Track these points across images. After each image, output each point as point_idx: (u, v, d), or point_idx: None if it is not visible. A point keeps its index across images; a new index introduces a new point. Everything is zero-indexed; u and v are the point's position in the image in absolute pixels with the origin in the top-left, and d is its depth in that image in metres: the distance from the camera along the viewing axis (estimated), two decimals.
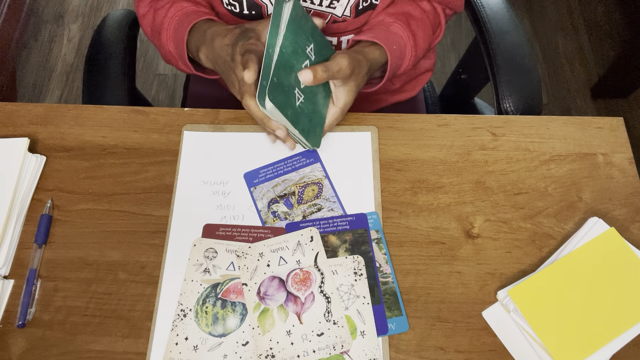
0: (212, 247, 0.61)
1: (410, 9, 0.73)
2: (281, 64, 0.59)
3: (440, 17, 0.76)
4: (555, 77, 1.76)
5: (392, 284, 0.59)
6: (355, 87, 0.64)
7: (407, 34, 0.70)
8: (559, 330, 0.55)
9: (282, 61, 0.59)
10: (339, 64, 0.60)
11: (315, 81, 0.60)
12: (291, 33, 0.60)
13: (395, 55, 0.68)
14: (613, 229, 0.61)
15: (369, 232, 0.62)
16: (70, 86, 1.76)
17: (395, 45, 0.68)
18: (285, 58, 0.59)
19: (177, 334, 0.57)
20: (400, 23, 0.70)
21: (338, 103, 0.64)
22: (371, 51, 0.66)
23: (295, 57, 0.61)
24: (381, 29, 0.69)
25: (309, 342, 0.56)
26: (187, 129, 0.70)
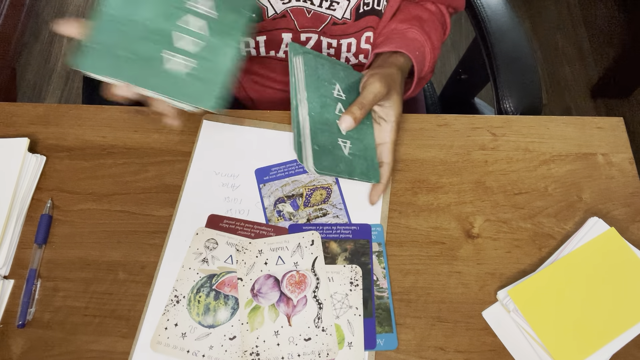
0: (213, 238, 0.62)
1: (419, 12, 0.74)
2: (316, 128, 0.59)
3: (446, 16, 0.77)
4: (555, 77, 1.76)
5: (387, 299, 0.59)
6: (398, 98, 0.64)
7: (424, 38, 0.71)
8: (559, 330, 0.55)
9: (316, 124, 0.60)
10: (371, 91, 0.61)
11: (357, 122, 0.60)
12: (313, 91, 0.61)
13: (419, 60, 0.69)
14: (613, 229, 0.61)
15: (370, 244, 0.62)
16: (70, 86, 1.76)
17: (417, 52, 0.69)
18: (317, 119, 0.60)
19: (167, 319, 0.57)
20: (416, 28, 0.71)
21: (390, 118, 0.64)
22: (396, 59, 0.67)
23: (327, 110, 0.61)
24: (399, 37, 0.70)
25: (295, 345, 0.56)
26: (207, 118, 0.70)
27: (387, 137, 0.64)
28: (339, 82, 0.65)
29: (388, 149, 0.64)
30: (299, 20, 0.72)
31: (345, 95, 0.64)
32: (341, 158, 0.60)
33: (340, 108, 0.63)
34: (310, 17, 0.71)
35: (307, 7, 0.70)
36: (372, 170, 0.63)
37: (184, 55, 0.57)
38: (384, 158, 0.64)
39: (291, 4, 0.69)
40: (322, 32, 0.74)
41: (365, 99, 0.61)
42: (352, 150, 0.62)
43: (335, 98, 0.63)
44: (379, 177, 0.63)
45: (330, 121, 0.62)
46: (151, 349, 0.56)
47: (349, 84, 0.66)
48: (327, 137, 0.60)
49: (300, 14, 0.71)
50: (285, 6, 0.70)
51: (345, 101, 0.64)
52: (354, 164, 0.61)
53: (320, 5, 0.69)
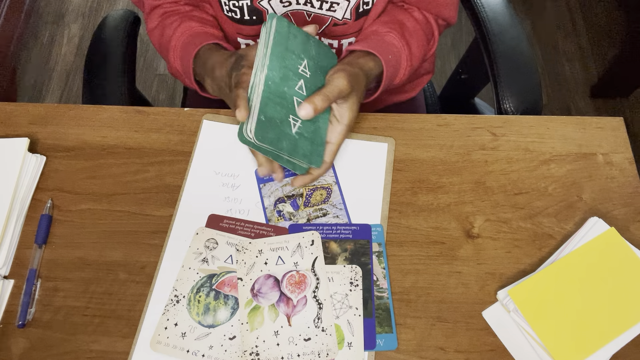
0: (213, 238, 0.62)
1: (403, 18, 0.72)
2: (269, 98, 0.57)
3: (433, 27, 0.75)
4: (555, 77, 1.76)
5: (387, 299, 0.59)
6: (357, 102, 0.62)
7: (402, 44, 0.69)
8: (559, 330, 0.55)
9: (270, 94, 0.57)
10: (337, 86, 0.59)
11: (317, 113, 0.58)
12: (277, 59, 0.58)
13: (391, 65, 0.67)
14: (613, 229, 0.61)
15: (370, 244, 0.61)
16: (70, 86, 1.76)
17: (390, 55, 0.67)
18: (273, 90, 0.58)
19: (167, 319, 0.57)
20: (395, 33, 0.69)
21: (343, 120, 0.62)
22: (366, 62, 0.65)
23: (286, 83, 0.59)
24: (376, 38, 0.68)
25: (294, 345, 0.56)
26: (207, 118, 0.70)
27: (335, 138, 0.62)
28: (307, 58, 0.62)
29: (332, 149, 0.62)
30: (299, 23, 0.72)
31: (310, 74, 0.62)
32: (286, 135, 0.58)
33: (301, 85, 0.60)
34: (311, 20, 0.71)
35: (308, 10, 0.70)
36: (315, 155, 0.61)
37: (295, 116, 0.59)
38: (326, 157, 0.62)
39: (291, 7, 0.69)
40: (323, 33, 0.74)
41: (330, 93, 0.59)
42: (300, 130, 0.60)
43: (298, 73, 0.60)
44: (320, 165, 0.62)
45: (287, 95, 0.59)
46: (151, 348, 0.56)
47: (318, 64, 0.63)
48: (278, 111, 0.58)
49: (300, 17, 0.71)
50: (286, 9, 0.70)
51: (308, 79, 0.61)
52: (299, 144, 0.59)
53: (321, 7, 0.69)
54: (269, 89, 0.57)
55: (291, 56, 0.60)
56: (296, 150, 0.59)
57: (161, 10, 0.74)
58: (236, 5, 0.69)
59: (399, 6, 0.74)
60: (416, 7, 0.74)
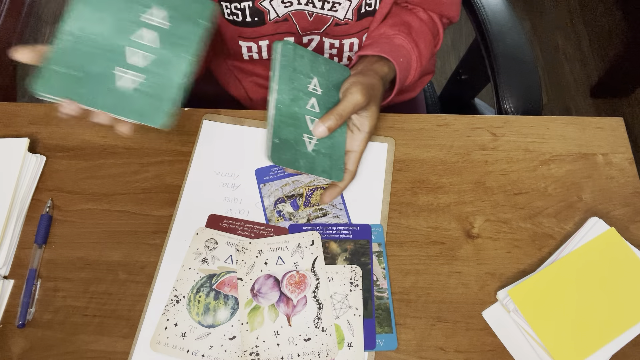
0: (213, 238, 0.62)
1: (409, 19, 0.72)
2: (281, 121, 0.58)
3: (438, 25, 0.75)
4: (555, 77, 1.76)
5: (387, 299, 0.59)
6: (376, 109, 0.63)
7: (411, 45, 0.70)
8: (559, 330, 0.55)
9: (281, 117, 0.59)
10: (351, 102, 0.60)
11: (331, 131, 0.59)
12: (285, 83, 0.60)
13: (403, 68, 0.68)
14: (613, 229, 0.61)
15: (370, 244, 0.61)
16: None
17: (402, 58, 0.68)
18: (284, 112, 0.59)
19: (167, 319, 0.57)
20: (403, 35, 0.70)
21: (364, 128, 0.63)
22: (380, 67, 0.66)
23: (297, 104, 0.60)
24: (385, 42, 0.69)
25: (294, 345, 0.56)
26: (207, 118, 0.70)
27: (357, 147, 0.63)
28: (317, 76, 0.63)
29: (355, 157, 0.63)
30: (300, 24, 0.72)
31: (322, 91, 0.63)
32: (303, 154, 0.59)
33: (313, 103, 0.62)
34: (312, 20, 0.71)
35: (309, 10, 0.70)
36: (335, 169, 0.62)
37: (135, 70, 0.55)
38: (349, 166, 0.63)
39: (293, 7, 0.69)
40: (325, 33, 0.74)
41: (344, 110, 0.60)
42: (316, 147, 0.61)
43: (309, 92, 0.62)
44: (342, 178, 0.63)
45: (299, 115, 0.60)
46: (151, 348, 0.56)
47: (330, 80, 0.64)
48: (292, 132, 0.59)
49: (302, 17, 0.71)
50: (287, 10, 0.70)
51: (321, 97, 0.62)
52: (317, 161, 0.60)
53: (322, 7, 0.69)
54: (280, 112, 0.59)
55: (299, 77, 0.62)
56: (314, 167, 0.60)
57: None
58: (238, 8, 0.69)
59: (403, 7, 0.75)
60: (420, 8, 0.74)
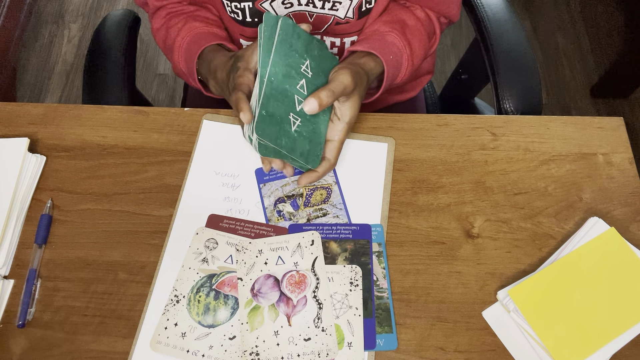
0: (213, 238, 0.62)
1: (404, 17, 0.72)
2: (271, 94, 0.57)
3: (435, 25, 0.75)
4: (555, 77, 1.76)
5: (387, 299, 0.59)
6: (359, 100, 0.62)
7: (403, 44, 0.69)
8: (559, 330, 0.55)
9: (272, 90, 0.58)
10: (342, 82, 0.59)
11: (322, 108, 0.58)
12: (280, 57, 0.59)
13: (392, 65, 0.67)
14: (613, 229, 0.61)
15: (370, 244, 0.61)
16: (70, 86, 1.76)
17: (391, 55, 0.67)
18: (275, 86, 0.58)
19: (167, 319, 0.57)
20: (396, 32, 0.69)
21: (344, 118, 0.62)
22: (367, 62, 0.65)
23: (288, 81, 0.59)
24: (377, 38, 0.69)
25: (294, 345, 0.56)
26: (207, 118, 0.70)
27: (337, 136, 0.63)
28: (310, 58, 0.62)
29: (335, 146, 0.63)
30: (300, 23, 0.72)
31: (312, 74, 0.62)
32: (286, 132, 0.59)
33: (302, 84, 0.60)
34: (313, 20, 0.71)
35: (310, 11, 0.70)
36: (312, 155, 0.61)
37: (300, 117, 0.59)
38: (328, 154, 0.63)
39: (293, 8, 0.69)
40: (325, 32, 0.74)
41: (335, 88, 0.58)
42: (299, 129, 0.60)
43: (301, 72, 0.61)
44: (318, 165, 0.62)
45: (288, 93, 0.59)
46: (151, 348, 0.56)
47: (320, 64, 0.63)
48: (279, 108, 0.58)
49: (302, 18, 0.71)
50: (288, 11, 0.70)
51: (310, 80, 0.61)
52: (297, 142, 0.60)
53: (323, 7, 0.69)
54: (271, 84, 0.58)
55: (294, 55, 0.60)
56: (294, 148, 0.59)
57: (165, 11, 0.75)
58: (238, 7, 0.69)
59: (401, 4, 0.74)
60: (418, 5, 0.74)
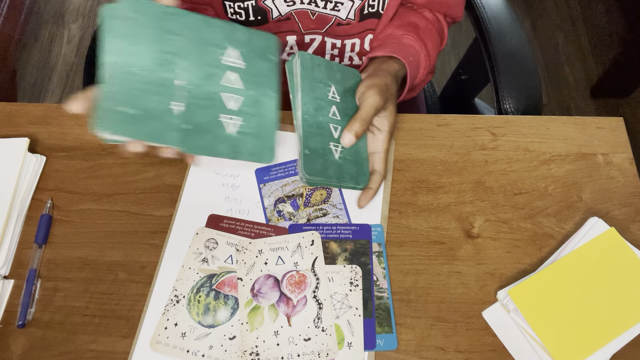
0: (213, 238, 0.62)
1: (415, 20, 0.73)
2: (308, 132, 0.58)
3: (443, 24, 0.77)
4: (555, 77, 1.76)
5: (387, 299, 0.59)
6: (393, 108, 0.64)
7: (420, 44, 0.71)
8: (559, 330, 0.55)
9: (308, 128, 0.59)
10: (371, 105, 0.60)
11: (358, 138, 0.60)
12: (307, 94, 0.60)
13: (413, 66, 0.69)
14: (613, 229, 0.61)
15: (370, 244, 0.61)
16: (70, 86, 1.76)
17: (411, 57, 0.68)
18: (310, 123, 0.59)
19: (167, 319, 0.57)
20: (411, 35, 0.71)
21: (384, 128, 0.63)
22: (390, 65, 0.67)
23: (320, 113, 0.60)
24: (394, 42, 0.70)
25: (294, 345, 0.56)
26: None
27: (380, 147, 0.63)
28: (334, 84, 0.63)
29: (381, 157, 0.63)
30: (303, 23, 0.72)
31: (340, 98, 0.63)
32: (331, 163, 0.60)
33: (334, 111, 0.62)
34: (315, 19, 0.71)
35: (312, 10, 0.70)
36: (361, 175, 0.62)
37: (234, 114, 0.56)
38: (376, 166, 0.63)
39: (295, 6, 0.69)
40: (327, 32, 0.74)
41: (367, 115, 0.60)
42: (342, 154, 0.61)
43: (329, 100, 0.62)
44: (368, 182, 0.63)
45: (323, 124, 0.60)
46: (151, 348, 0.56)
47: (345, 86, 0.65)
48: (319, 141, 0.59)
49: (304, 16, 0.71)
50: (290, 9, 0.70)
51: (340, 104, 0.63)
52: (344, 168, 0.61)
53: (325, 7, 0.69)
54: (306, 123, 0.59)
55: (319, 86, 0.61)
56: (342, 175, 0.60)
57: None
58: (241, 7, 0.69)
59: (409, 7, 0.75)
60: (426, 8, 0.75)
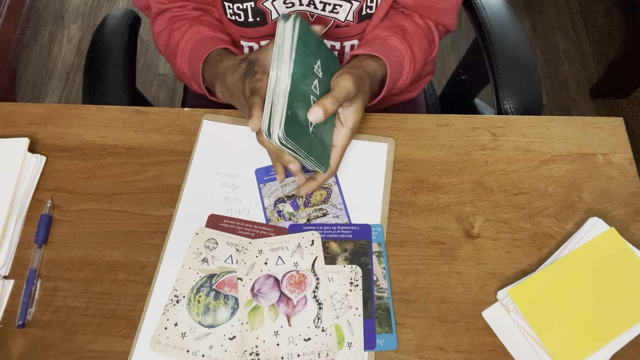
0: (213, 238, 0.62)
1: (404, 23, 0.72)
2: (294, 94, 0.55)
3: (434, 32, 0.75)
4: (555, 77, 1.76)
5: (387, 299, 0.59)
6: (362, 104, 0.62)
7: (405, 47, 0.69)
8: (559, 330, 0.55)
9: (295, 90, 0.55)
10: (345, 87, 0.58)
11: (327, 116, 0.57)
12: (300, 56, 0.57)
13: (395, 67, 0.67)
14: (613, 229, 0.61)
15: (370, 244, 0.61)
16: (70, 86, 1.76)
17: (394, 58, 0.67)
18: (297, 85, 0.55)
19: (167, 319, 0.57)
20: (397, 37, 0.70)
21: (347, 124, 0.61)
22: (370, 64, 0.65)
23: (306, 81, 0.57)
24: (378, 42, 0.69)
25: (294, 345, 0.56)
26: (207, 118, 0.70)
27: (339, 142, 0.62)
28: (320, 58, 0.60)
29: (337, 153, 0.62)
30: None
31: (322, 75, 0.60)
32: (305, 133, 0.57)
33: (315, 84, 0.59)
34: (314, 21, 0.71)
35: (311, 12, 0.70)
36: (324, 157, 0.60)
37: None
38: (330, 161, 0.62)
39: (295, 8, 0.69)
40: (326, 35, 0.74)
41: (339, 94, 0.58)
42: (315, 129, 0.59)
43: (314, 73, 0.59)
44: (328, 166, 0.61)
45: (307, 93, 0.57)
46: (151, 348, 0.56)
47: (327, 65, 0.62)
48: (300, 107, 0.56)
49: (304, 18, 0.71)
50: (289, 10, 0.70)
51: (321, 80, 0.60)
52: (314, 144, 0.58)
53: (324, 9, 0.69)
54: (294, 84, 0.55)
55: (310, 54, 0.59)
56: (312, 150, 0.58)
57: (169, 15, 0.74)
58: (240, 8, 0.69)
59: (400, 11, 0.75)
60: (417, 14, 0.74)
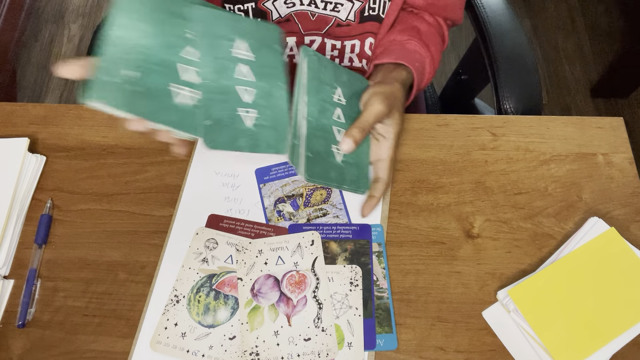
0: (213, 238, 0.62)
1: (417, 24, 0.73)
2: (312, 134, 0.58)
3: (443, 28, 0.77)
4: (555, 77, 1.76)
5: (387, 299, 0.59)
6: (400, 116, 0.63)
7: (424, 49, 0.71)
8: (559, 330, 0.55)
9: (312, 130, 0.58)
10: (372, 112, 0.60)
11: (357, 145, 0.59)
12: (313, 95, 0.59)
13: (419, 72, 0.69)
14: (613, 229, 0.61)
15: (370, 244, 0.61)
16: (70, 86, 1.76)
17: (417, 63, 0.68)
18: (314, 125, 0.59)
19: (167, 319, 0.57)
20: (415, 40, 0.71)
21: (389, 135, 0.62)
22: (399, 73, 0.66)
23: (324, 115, 0.60)
24: (398, 48, 0.70)
25: (294, 345, 0.56)
26: None
27: (385, 154, 0.63)
28: (340, 86, 0.63)
29: (385, 165, 0.63)
30: (303, 24, 0.72)
31: (346, 101, 0.63)
32: (333, 165, 0.60)
33: (338, 114, 0.62)
34: (314, 20, 0.71)
35: (312, 11, 0.70)
36: (362, 179, 0.62)
37: (249, 107, 0.58)
38: (380, 174, 0.63)
39: (295, 7, 0.69)
40: (327, 34, 0.74)
41: (366, 121, 0.60)
42: (345, 158, 0.61)
43: (334, 102, 0.62)
44: (369, 186, 0.63)
45: (327, 127, 0.60)
46: (151, 348, 0.56)
47: (351, 89, 0.64)
48: (322, 144, 0.59)
49: (304, 17, 0.71)
50: (290, 10, 0.70)
51: (345, 107, 0.63)
52: (345, 171, 0.61)
53: (325, 8, 0.69)
54: (310, 125, 0.59)
55: (325, 88, 0.61)
56: (344, 178, 0.60)
57: None
58: (241, 9, 0.69)
59: (409, 12, 0.75)
60: (427, 12, 0.75)
